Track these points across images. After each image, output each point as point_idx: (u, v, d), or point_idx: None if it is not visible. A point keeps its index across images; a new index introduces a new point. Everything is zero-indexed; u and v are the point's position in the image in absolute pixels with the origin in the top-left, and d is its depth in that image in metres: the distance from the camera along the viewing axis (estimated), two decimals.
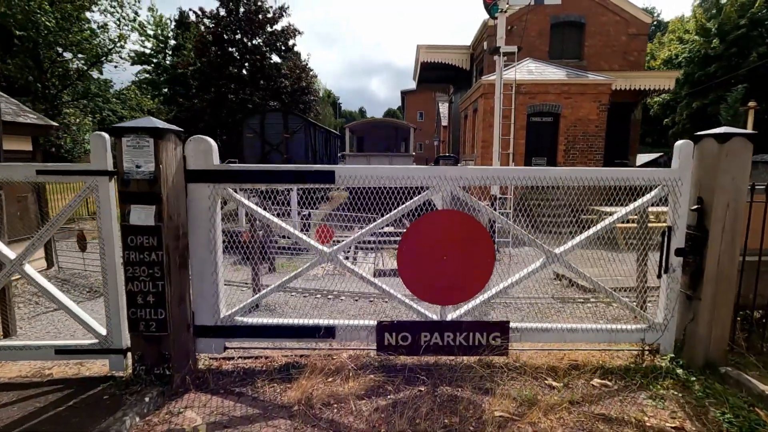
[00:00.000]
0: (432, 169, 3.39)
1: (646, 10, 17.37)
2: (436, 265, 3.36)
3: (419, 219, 3.39)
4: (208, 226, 3.29)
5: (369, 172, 3.37)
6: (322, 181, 3.34)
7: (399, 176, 3.36)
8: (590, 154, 13.41)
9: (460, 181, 3.37)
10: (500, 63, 9.01)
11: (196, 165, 3.24)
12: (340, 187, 3.43)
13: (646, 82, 15.13)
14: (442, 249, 3.36)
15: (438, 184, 3.36)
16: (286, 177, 3.35)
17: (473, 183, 3.41)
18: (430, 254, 3.36)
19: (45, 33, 20.83)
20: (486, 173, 3.40)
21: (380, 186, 3.41)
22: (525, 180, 3.38)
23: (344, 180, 3.34)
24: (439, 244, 3.36)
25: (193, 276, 3.35)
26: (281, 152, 16.73)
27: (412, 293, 3.45)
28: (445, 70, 21.44)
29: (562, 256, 3.47)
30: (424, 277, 3.40)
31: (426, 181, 3.37)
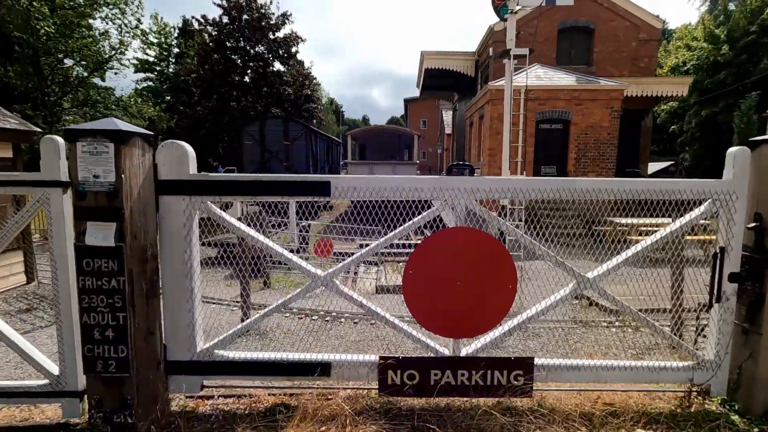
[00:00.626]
0: (444, 180, 2.92)
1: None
2: (449, 292, 2.88)
3: (429, 238, 2.92)
4: (182, 246, 2.82)
5: (369, 183, 2.90)
6: (316, 192, 2.88)
7: (405, 188, 2.89)
8: (602, 162, 12.91)
9: (477, 194, 2.89)
10: (510, 67, 8.58)
11: (170, 174, 2.78)
12: (336, 200, 2.97)
13: (658, 89, 14.67)
14: (455, 273, 2.88)
15: (451, 197, 2.89)
16: (275, 188, 2.88)
17: (493, 196, 2.93)
18: (442, 279, 2.88)
19: (44, 39, 20.60)
20: (510, 185, 2.92)
21: (383, 200, 2.94)
22: (554, 192, 2.90)
23: (341, 192, 2.87)
24: (453, 267, 2.88)
25: (165, 304, 2.88)
26: (281, 160, 16.32)
27: (421, 325, 2.96)
28: (449, 77, 21.06)
29: (596, 282, 2.98)
30: (435, 306, 2.91)
31: (436, 193, 2.90)
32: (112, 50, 24.56)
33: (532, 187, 2.91)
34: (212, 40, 30.88)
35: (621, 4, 16.01)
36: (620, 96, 12.76)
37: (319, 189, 2.86)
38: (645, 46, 16.19)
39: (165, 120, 33.70)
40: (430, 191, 2.91)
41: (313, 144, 17.92)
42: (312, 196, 2.90)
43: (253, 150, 16.35)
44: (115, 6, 24.64)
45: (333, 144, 25.38)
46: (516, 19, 8.58)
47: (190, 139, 29.73)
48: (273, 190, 2.87)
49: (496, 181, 2.93)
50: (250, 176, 2.91)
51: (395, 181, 2.92)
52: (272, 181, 2.87)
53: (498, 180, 2.95)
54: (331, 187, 2.86)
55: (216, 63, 30.37)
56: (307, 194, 2.91)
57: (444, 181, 2.92)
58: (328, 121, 68.17)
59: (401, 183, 2.91)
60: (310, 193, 2.89)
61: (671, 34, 40.43)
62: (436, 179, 2.94)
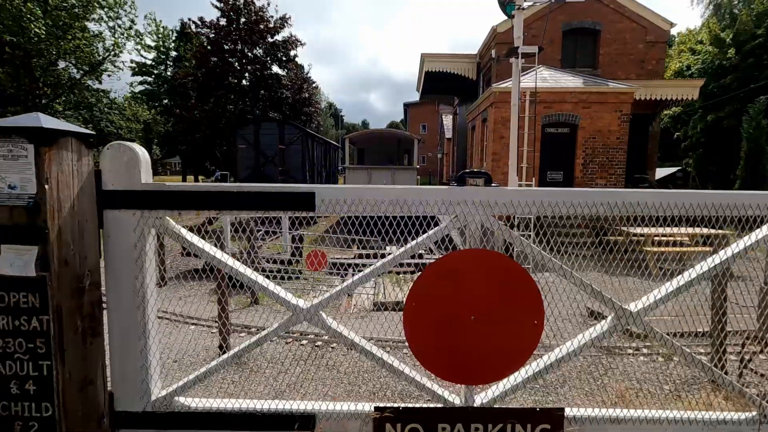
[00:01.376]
0: (455, 192, 2.39)
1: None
2: (461, 329, 2.34)
3: (436, 263, 2.38)
4: (133, 272, 2.29)
5: (363, 195, 2.37)
6: (297, 206, 2.34)
7: (407, 200, 2.36)
8: (610, 168, 12.40)
9: (495, 208, 2.36)
10: (518, 66, 8.08)
11: (117, 184, 2.25)
12: (321, 216, 2.44)
13: (668, 92, 14.18)
14: (469, 306, 2.34)
15: (463, 212, 2.36)
16: (246, 201, 2.34)
17: (515, 211, 2.40)
18: (453, 313, 2.34)
19: (35, 40, 20.11)
20: (538, 197, 2.38)
21: (380, 215, 2.42)
22: (596, 207, 2.37)
23: (328, 205, 2.34)
24: (466, 298, 2.34)
25: (111, 344, 2.34)
26: (276, 164, 15.79)
27: (426, 369, 2.41)
28: (450, 80, 20.60)
29: (640, 316, 2.44)
30: (444, 346, 2.37)
31: (445, 207, 2.37)
32: (105, 52, 24.09)
33: (569, 201, 2.38)
34: (210, 42, 30.45)
35: (628, 5, 15.56)
36: (630, 99, 12.26)
37: (301, 202, 2.33)
38: (653, 48, 15.74)
39: (161, 123, 33.22)
40: (437, 205, 2.37)
41: (310, 148, 17.40)
42: (292, 210, 2.37)
43: (248, 154, 15.81)
44: (109, 8, 24.21)
45: (331, 148, 24.85)
46: (523, 16, 8.08)
47: (186, 143, 29.30)
48: (244, 204, 2.33)
49: (519, 193, 2.39)
50: (216, 187, 2.38)
51: (395, 193, 2.39)
52: (243, 193, 2.33)
53: (522, 192, 2.41)
54: (317, 199, 2.33)
55: (213, 66, 29.93)
56: (286, 208, 2.37)
57: (455, 192, 2.39)
58: (327, 125, 67.88)
59: (402, 195, 2.38)
60: (290, 206, 2.35)
61: (673, 38, 40.12)
62: (445, 190, 2.41)
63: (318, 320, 2.43)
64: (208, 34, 30.94)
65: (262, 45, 31.63)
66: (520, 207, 2.39)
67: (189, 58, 32.96)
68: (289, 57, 32.78)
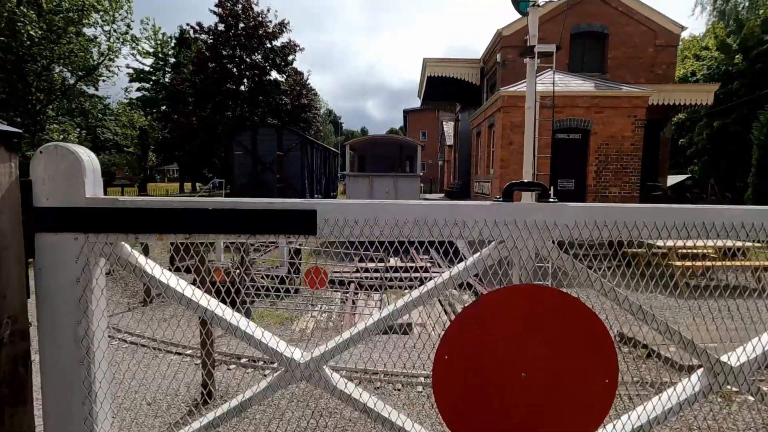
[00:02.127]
0: (502, 209, 1.81)
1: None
2: (510, 390, 1.78)
3: (477, 304, 1.80)
4: (75, 316, 1.72)
5: (379, 213, 1.80)
6: (291, 228, 1.78)
7: (437, 220, 1.79)
8: (624, 176, 11.86)
9: (553, 231, 1.81)
10: (533, 66, 7.57)
11: (53, 199, 1.69)
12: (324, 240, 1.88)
13: (681, 97, 13.71)
14: (519, 360, 1.77)
15: (513, 235, 1.79)
16: (224, 222, 1.77)
17: (583, 234, 1.83)
18: (498, 370, 1.77)
19: (28, 44, 19.63)
20: (614, 215, 1.81)
21: (400, 239, 1.85)
22: (686, 229, 1.80)
23: (333, 227, 1.77)
24: (515, 350, 1.77)
25: (45, 414, 1.77)
26: (274, 172, 15.23)
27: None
28: (452, 85, 20.15)
29: (743, 371, 1.86)
30: (487, 413, 1.79)
31: (490, 229, 1.80)
32: (100, 56, 23.62)
33: (659, 221, 1.80)
34: (208, 48, 30.04)
35: (637, 9, 15.15)
36: (644, 104, 11.76)
37: (297, 223, 1.76)
38: (663, 52, 15.30)
39: (158, 129, 32.71)
40: (478, 226, 1.80)
41: (309, 155, 16.87)
42: (286, 233, 1.80)
43: (245, 161, 15.26)
44: (104, 12, 23.79)
45: (330, 155, 24.34)
46: (538, 13, 7.58)
47: (183, 150, 28.82)
48: (221, 225, 1.76)
49: (587, 211, 1.82)
50: (186, 203, 1.80)
51: (421, 211, 1.81)
52: (220, 211, 1.76)
53: (591, 209, 1.84)
54: (318, 219, 1.76)
55: (211, 71, 29.51)
56: (276, 231, 1.80)
57: (502, 210, 1.81)
58: (326, 131, 67.65)
59: (431, 213, 1.81)
60: (282, 229, 1.78)
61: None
62: (488, 208, 1.83)
63: (320, 378, 1.85)
64: (207, 39, 30.54)
65: (261, 50, 31.25)
66: (588, 229, 1.83)
67: (187, 64, 32.55)
68: (287, 62, 32.39)
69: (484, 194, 14.31)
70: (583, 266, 1.91)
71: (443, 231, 1.80)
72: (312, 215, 1.78)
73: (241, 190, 15.30)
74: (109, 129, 29.15)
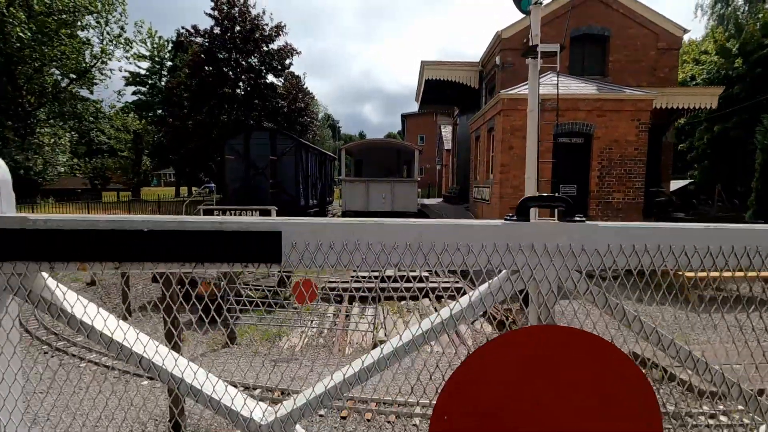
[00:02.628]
0: (516, 231, 1.43)
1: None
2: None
3: (484, 349, 1.41)
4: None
5: (362, 234, 1.42)
6: (248, 255, 1.39)
7: (434, 243, 1.41)
8: (628, 181, 11.50)
9: (580, 258, 1.43)
10: (536, 67, 7.23)
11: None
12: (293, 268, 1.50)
13: (686, 100, 13.38)
14: (538, 417, 1.38)
15: (530, 263, 1.42)
16: (160, 247, 1.39)
17: (619, 261, 1.46)
18: (513, 428, 1.39)
19: (18, 46, 19.24)
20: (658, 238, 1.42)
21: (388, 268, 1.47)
22: (759, 255, 1.42)
23: (303, 253, 1.39)
24: (533, 404, 1.38)
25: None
26: (267, 177, 14.83)
27: None
28: (451, 88, 19.81)
29: None
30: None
31: (501, 255, 1.42)
32: (93, 59, 23.28)
33: (725, 244, 1.43)
34: (204, 51, 29.72)
35: (639, 11, 14.87)
36: (649, 107, 11.42)
37: (259, 248, 1.38)
38: (665, 55, 15.00)
39: (153, 133, 32.33)
40: (485, 251, 1.43)
41: (304, 159, 16.49)
42: (242, 262, 1.41)
43: (237, 166, 14.85)
44: (98, 14, 23.47)
45: (327, 159, 23.95)
46: (541, 13, 7.25)
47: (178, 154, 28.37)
48: (156, 251, 1.38)
49: (625, 232, 1.44)
50: (115, 222, 1.42)
51: (415, 232, 1.43)
52: (162, 233, 1.38)
53: (630, 230, 1.46)
54: (284, 242, 1.38)
55: (207, 75, 29.19)
56: (232, 258, 1.41)
57: (516, 232, 1.43)
58: (324, 136, 67.42)
59: (428, 235, 1.42)
60: (240, 256, 1.39)
61: None
62: (499, 228, 1.44)
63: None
64: (203, 43, 30.23)
65: (257, 54, 30.95)
66: (624, 256, 1.45)
67: (183, 68, 32.23)
68: (284, 66, 32.10)
69: (484, 200, 13.95)
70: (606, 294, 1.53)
71: (443, 258, 1.42)
72: (275, 239, 1.39)
73: (233, 196, 14.90)
74: (103, 132, 28.76)
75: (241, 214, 7.45)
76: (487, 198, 13.53)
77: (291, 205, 15.56)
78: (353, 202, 15.88)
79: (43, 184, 22.85)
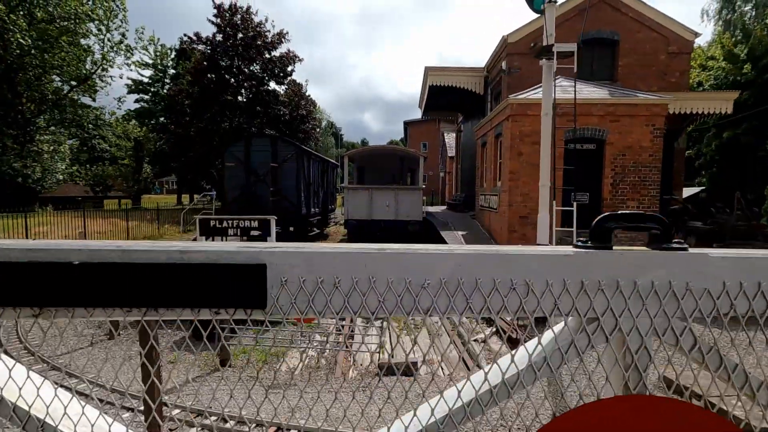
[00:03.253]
0: (586, 262, 1.02)
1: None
2: None
3: (558, 422, 1.00)
4: None
5: (380, 265, 1.01)
6: (224, 299, 0.98)
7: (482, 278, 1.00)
8: (643, 189, 11.09)
9: (686, 302, 1.02)
10: (550, 69, 6.87)
11: None
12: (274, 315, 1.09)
13: (700, 105, 13.00)
14: None
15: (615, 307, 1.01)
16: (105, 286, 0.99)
17: (739, 306, 1.04)
18: None
19: (18, 53, 19.04)
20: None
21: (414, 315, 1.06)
22: None
23: (297, 292, 0.99)
24: None
25: None
26: (268, 184, 14.45)
27: None
28: (455, 95, 19.50)
29: None
30: None
31: (574, 298, 1.02)
32: (93, 66, 23.08)
33: None
34: (206, 58, 29.58)
35: (649, 15, 14.54)
36: (663, 112, 11.03)
37: (237, 286, 0.98)
38: (676, 59, 14.65)
39: (153, 141, 32.10)
40: (551, 291, 1.02)
41: (305, 166, 16.13)
42: (213, 307, 1.01)
43: (237, 173, 14.49)
44: (99, 21, 23.31)
45: (329, 167, 23.61)
46: (555, 12, 6.90)
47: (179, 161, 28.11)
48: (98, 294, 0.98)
49: (750, 265, 1.04)
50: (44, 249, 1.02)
51: (448, 264, 1.02)
52: (99, 266, 0.97)
53: (754, 261, 1.06)
54: (269, 277, 0.98)
55: (209, 82, 29.02)
56: (198, 302, 1.00)
57: (591, 263, 1.03)
58: (327, 143, 67.25)
59: (464, 267, 1.02)
60: (207, 299, 0.99)
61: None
62: (565, 259, 1.04)
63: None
64: (205, 50, 30.09)
65: (260, 61, 30.80)
66: (746, 297, 1.04)
67: (185, 75, 32.09)
68: (286, 73, 31.93)
69: (491, 208, 13.53)
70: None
71: (492, 300, 1.03)
72: (258, 274, 0.99)
73: (233, 204, 14.53)
74: (104, 140, 28.56)
75: (238, 223, 7.07)
76: (494, 206, 13.12)
77: (292, 213, 15.17)
78: (356, 211, 15.48)
79: (42, 191, 22.56)
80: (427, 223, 16.25)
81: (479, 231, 14.63)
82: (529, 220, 11.24)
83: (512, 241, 11.47)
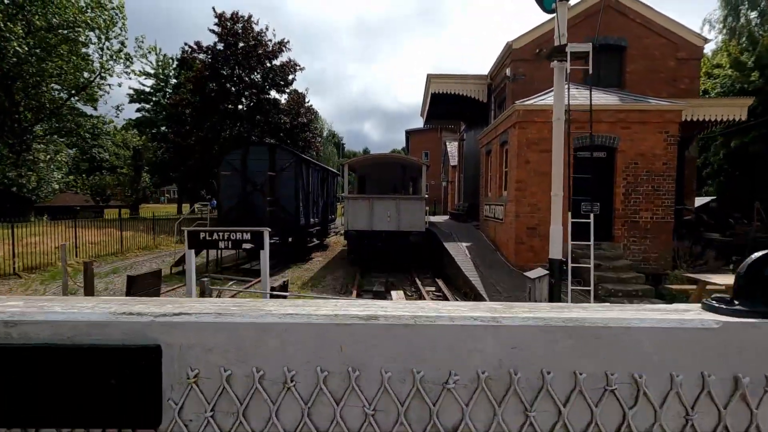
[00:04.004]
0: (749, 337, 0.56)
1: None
2: None
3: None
4: None
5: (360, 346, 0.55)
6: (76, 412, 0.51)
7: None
8: (656, 198, 10.61)
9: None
10: (563, 71, 6.47)
11: None
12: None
13: (714, 112, 12.56)
14: None
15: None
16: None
17: None
18: None
19: (14, 61, 18.77)
20: None
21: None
22: None
23: (214, 398, 0.51)
24: None
25: None
26: (265, 194, 14.03)
27: None
28: (457, 102, 19.12)
29: None
30: None
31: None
32: (92, 74, 22.82)
33: None
34: (206, 67, 29.41)
35: (656, 20, 14.18)
36: (677, 118, 10.59)
37: (109, 387, 0.51)
38: (685, 65, 14.24)
39: (152, 150, 31.79)
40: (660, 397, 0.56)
41: (304, 175, 15.71)
42: (60, 426, 0.54)
43: (233, 182, 14.08)
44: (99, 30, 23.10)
45: (329, 176, 23.20)
46: (567, 11, 6.51)
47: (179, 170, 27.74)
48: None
49: None
50: None
51: (499, 338, 0.56)
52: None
53: None
54: (165, 367, 0.52)
55: (210, 91, 28.83)
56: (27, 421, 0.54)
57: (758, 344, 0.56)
58: (328, 153, 66.98)
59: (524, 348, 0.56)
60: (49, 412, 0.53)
61: None
62: (706, 332, 0.58)
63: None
64: (206, 59, 29.94)
65: (260, 70, 30.62)
66: None
67: (186, 84, 31.90)
68: (287, 82, 31.74)
69: (497, 218, 13.05)
70: None
71: (573, 414, 0.56)
72: (148, 363, 0.52)
73: (229, 214, 14.10)
74: (104, 149, 28.25)
75: (230, 235, 6.61)
76: (500, 216, 12.64)
77: (290, 224, 14.72)
78: (356, 221, 15.02)
79: (37, 201, 22.20)
80: (429, 234, 15.76)
81: (485, 243, 14.13)
82: (537, 231, 10.75)
83: (520, 253, 10.96)
